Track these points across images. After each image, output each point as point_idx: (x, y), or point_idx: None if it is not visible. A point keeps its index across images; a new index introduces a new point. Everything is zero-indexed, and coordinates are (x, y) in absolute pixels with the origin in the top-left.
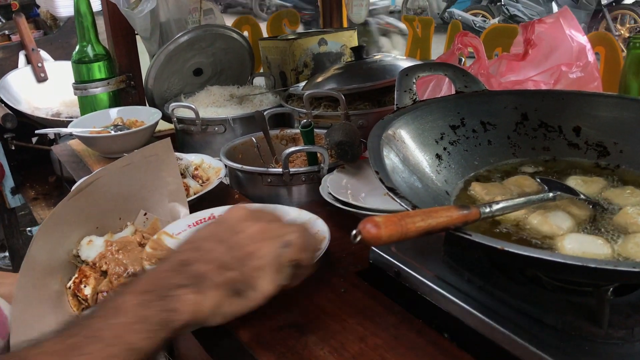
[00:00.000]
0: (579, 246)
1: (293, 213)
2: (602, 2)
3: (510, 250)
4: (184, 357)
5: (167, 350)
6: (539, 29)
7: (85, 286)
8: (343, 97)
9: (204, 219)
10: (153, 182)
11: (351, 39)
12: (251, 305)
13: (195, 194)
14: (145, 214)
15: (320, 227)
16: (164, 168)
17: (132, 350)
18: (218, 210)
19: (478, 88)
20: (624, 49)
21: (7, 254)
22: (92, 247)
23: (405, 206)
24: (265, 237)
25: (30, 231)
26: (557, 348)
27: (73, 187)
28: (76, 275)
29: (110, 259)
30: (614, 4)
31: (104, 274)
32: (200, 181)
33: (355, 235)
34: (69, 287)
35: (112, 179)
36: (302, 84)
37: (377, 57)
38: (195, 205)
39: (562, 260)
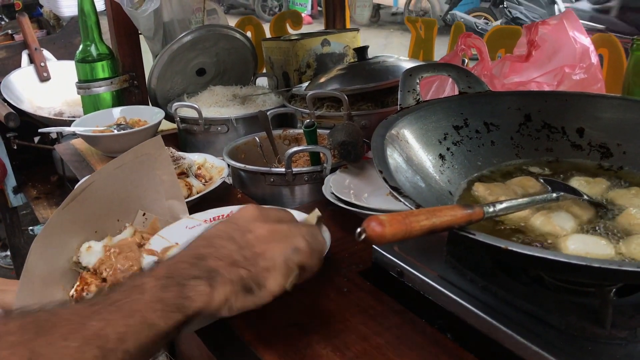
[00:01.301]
0: (582, 246)
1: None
2: None
3: (514, 249)
4: (185, 356)
5: (169, 349)
6: (543, 30)
7: (87, 294)
8: (346, 98)
9: (212, 218)
10: (148, 181)
11: (354, 39)
12: (258, 302)
13: (198, 193)
14: (144, 214)
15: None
16: (157, 166)
17: (148, 325)
18: (227, 210)
19: (481, 89)
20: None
21: (8, 252)
22: (91, 253)
23: (409, 205)
24: (274, 239)
25: (32, 230)
26: (560, 348)
27: (70, 194)
28: (78, 283)
29: (109, 264)
30: None
31: (105, 280)
32: (203, 180)
33: (360, 233)
34: (72, 296)
35: (106, 182)
36: (305, 84)
37: (380, 58)
38: (198, 205)
39: (566, 260)
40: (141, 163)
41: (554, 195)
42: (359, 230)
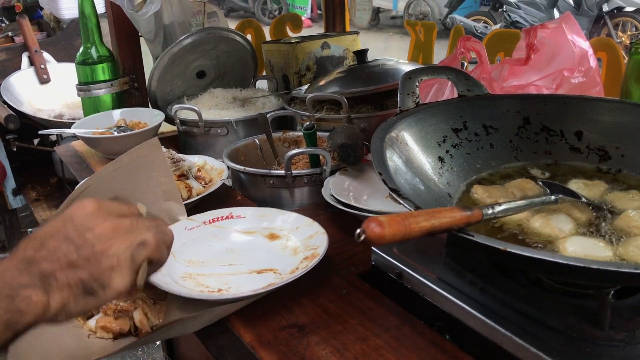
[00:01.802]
0: (580, 248)
1: (288, 218)
2: (604, 9)
3: (513, 251)
4: (184, 357)
5: (168, 351)
6: (541, 34)
7: None
8: (345, 100)
9: (211, 220)
10: (146, 183)
11: (354, 42)
12: (101, 303)
13: (198, 195)
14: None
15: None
16: (154, 168)
17: None
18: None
19: (480, 92)
20: (625, 55)
21: (8, 254)
22: None
23: (408, 207)
24: (117, 234)
25: (31, 232)
26: (558, 350)
27: (68, 196)
28: None
29: None
30: (615, 11)
31: None
32: (202, 182)
33: (359, 234)
34: None
35: (103, 185)
36: (305, 87)
37: (379, 61)
38: (198, 206)
39: (565, 262)
40: (138, 165)
41: (553, 197)
42: (358, 231)
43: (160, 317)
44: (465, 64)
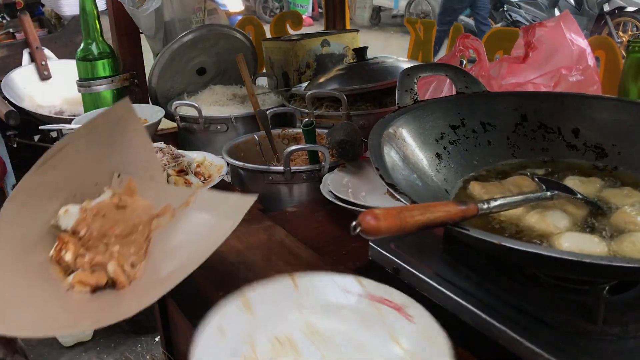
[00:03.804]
0: (575, 244)
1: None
2: (605, 9)
3: (507, 245)
4: (183, 353)
5: (167, 347)
6: (540, 32)
7: (65, 252)
8: (345, 98)
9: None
10: (122, 144)
11: (354, 40)
12: None
13: None
14: (118, 176)
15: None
16: (129, 128)
17: None
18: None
19: (478, 89)
20: (624, 55)
21: None
22: (69, 216)
23: (405, 202)
24: None
25: None
26: (553, 344)
27: (41, 157)
28: (56, 243)
29: (85, 224)
30: (616, 11)
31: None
32: (202, 178)
33: (355, 227)
34: (51, 256)
35: (79, 146)
36: (305, 84)
37: (379, 58)
38: None
39: (558, 256)
40: (113, 126)
41: (549, 193)
42: (354, 223)
43: (138, 270)
44: (464, 61)
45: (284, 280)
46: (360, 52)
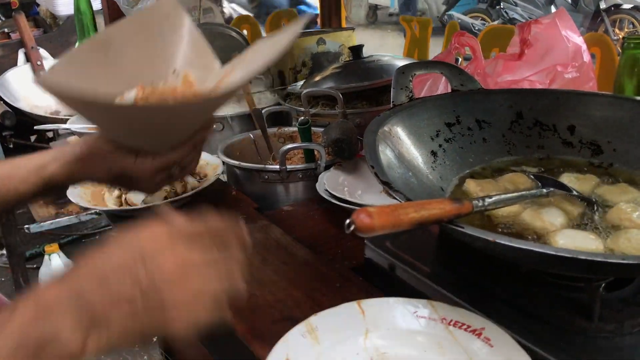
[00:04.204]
0: (571, 241)
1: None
2: (601, 6)
3: (502, 242)
4: (180, 352)
5: (164, 347)
6: (535, 29)
7: None
8: (341, 96)
9: None
10: (174, 39)
11: (349, 38)
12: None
13: (192, 190)
14: (173, 71)
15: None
16: (178, 24)
17: None
18: None
19: (474, 86)
20: (620, 51)
21: (4, 251)
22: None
23: (400, 200)
24: (187, 276)
25: (28, 229)
26: (549, 341)
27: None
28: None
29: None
30: (612, 8)
31: None
32: (198, 177)
33: (349, 225)
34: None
35: (126, 38)
36: (301, 83)
37: (374, 57)
38: (192, 202)
39: (553, 253)
40: (162, 21)
41: (544, 190)
42: (348, 221)
43: None
44: (460, 59)
45: (349, 307)
46: (356, 50)
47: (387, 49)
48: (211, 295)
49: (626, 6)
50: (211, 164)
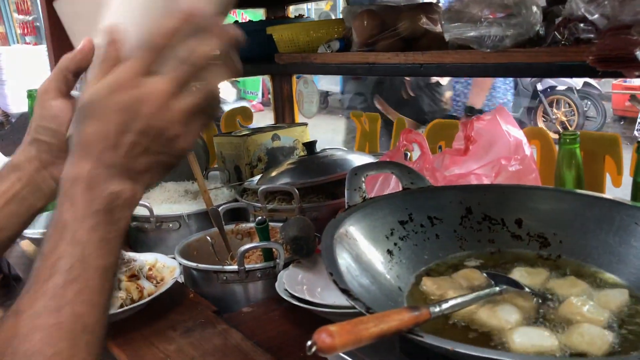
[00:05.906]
0: (527, 339)
1: None
2: (538, 88)
3: (462, 351)
4: None
5: None
6: (478, 125)
7: None
8: (297, 192)
9: None
10: None
11: (303, 133)
12: None
13: (149, 296)
14: None
15: None
16: None
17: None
18: None
19: (423, 184)
20: (560, 129)
21: None
22: None
23: (359, 308)
24: (169, 106)
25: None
26: None
27: None
28: None
29: None
30: (549, 89)
31: None
32: (154, 282)
33: (311, 346)
34: None
35: None
36: (257, 177)
37: (328, 151)
38: (150, 307)
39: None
40: None
41: (497, 289)
42: (309, 343)
43: None
44: (409, 154)
45: None
46: (310, 145)
47: (339, 132)
48: (197, 109)
49: (560, 87)
50: (168, 266)
